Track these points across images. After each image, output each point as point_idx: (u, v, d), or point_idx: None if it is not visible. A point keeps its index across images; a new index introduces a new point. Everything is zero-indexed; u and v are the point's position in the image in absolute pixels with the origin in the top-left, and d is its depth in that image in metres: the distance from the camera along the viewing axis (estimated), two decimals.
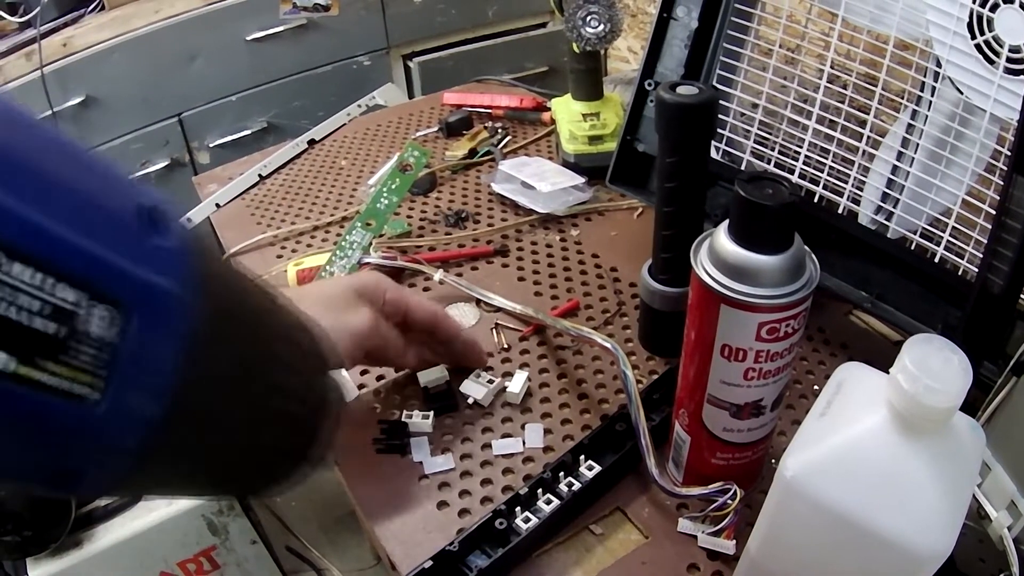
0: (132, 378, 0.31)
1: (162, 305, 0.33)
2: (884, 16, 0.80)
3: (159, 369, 0.33)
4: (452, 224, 1.17)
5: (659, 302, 0.85)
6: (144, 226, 0.33)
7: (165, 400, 0.33)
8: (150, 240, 0.33)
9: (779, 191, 0.57)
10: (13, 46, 1.88)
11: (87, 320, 0.29)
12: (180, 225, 0.35)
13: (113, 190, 0.33)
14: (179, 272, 0.33)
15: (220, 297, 0.37)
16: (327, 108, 1.72)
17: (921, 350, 0.47)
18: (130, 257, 0.31)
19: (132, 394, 0.32)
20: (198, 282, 0.34)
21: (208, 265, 0.36)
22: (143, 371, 0.32)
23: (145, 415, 0.33)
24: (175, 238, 0.34)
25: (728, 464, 0.69)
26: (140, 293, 0.31)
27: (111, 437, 0.32)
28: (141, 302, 0.31)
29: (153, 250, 0.33)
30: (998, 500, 0.61)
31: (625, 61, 2.06)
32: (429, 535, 0.72)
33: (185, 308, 0.33)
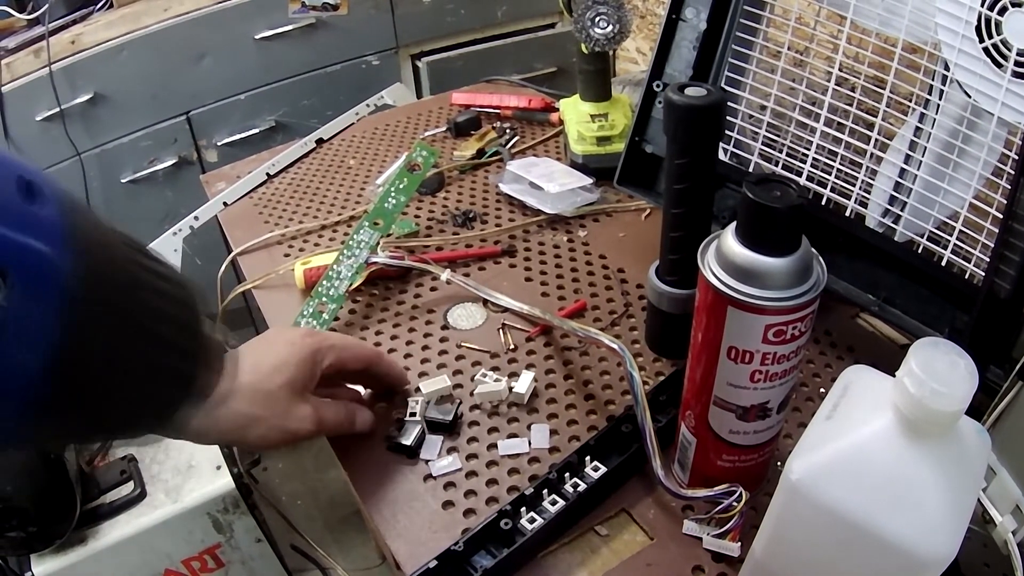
0: (17, 335, 0.35)
1: (41, 267, 0.36)
2: (893, 19, 0.79)
3: (40, 324, 0.36)
4: (460, 224, 1.17)
5: (666, 304, 0.85)
6: (23, 197, 0.36)
7: (48, 352, 0.37)
8: (27, 208, 0.36)
9: (787, 193, 0.57)
10: (22, 43, 1.89)
11: None
12: (56, 194, 0.38)
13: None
14: (54, 236, 0.37)
15: (93, 256, 0.40)
16: (336, 107, 1.72)
17: (927, 354, 0.47)
18: (9, 225, 0.35)
19: (18, 349, 0.36)
20: (72, 244, 0.38)
21: (82, 228, 0.39)
22: (26, 327, 0.36)
23: (30, 367, 0.37)
24: (51, 206, 0.38)
25: (734, 466, 0.69)
26: (20, 257, 0.35)
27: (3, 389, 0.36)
28: (22, 266, 0.35)
29: (31, 217, 0.36)
30: (1003, 504, 0.61)
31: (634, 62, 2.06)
32: (434, 535, 0.72)
33: (61, 268, 0.37)
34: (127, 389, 0.46)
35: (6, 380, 0.36)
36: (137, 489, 1.20)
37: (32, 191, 0.37)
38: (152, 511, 1.19)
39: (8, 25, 1.94)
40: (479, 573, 0.66)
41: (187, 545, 1.26)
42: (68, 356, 0.38)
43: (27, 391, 0.37)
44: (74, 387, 0.40)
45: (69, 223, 0.38)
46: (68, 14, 1.95)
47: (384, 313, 1.00)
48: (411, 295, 1.03)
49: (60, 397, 0.39)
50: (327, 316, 0.97)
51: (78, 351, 0.39)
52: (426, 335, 0.96)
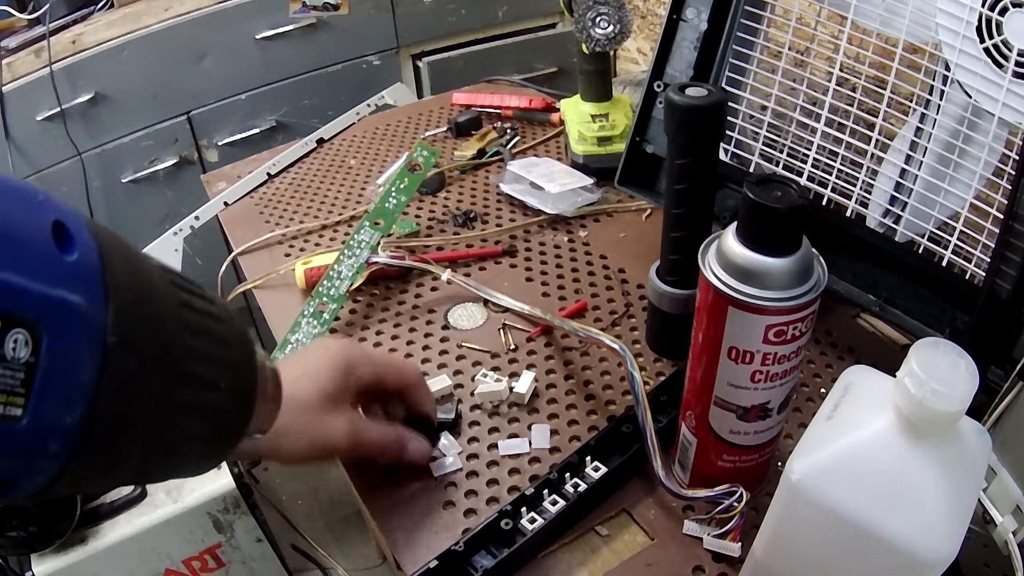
0: (50, 391, 0.34)
1: (73, 320, 0.35)
2: (893, 19, 0.79)
3: (74, 379, 0.35)
4: (460, 224, 1.17)
5: (667, 304, 0.85)
6: (54, 243, 0.35)
7: (83, 407, 0.35)
8: (60, 257, 0.35)
9: (787, 194, 0.57)
10: (22, 43, 1.89)
11: (6, 346, 0.32)
12: (87, 234, 0.37)
13: (25, 211, 0.35)
14: (86, 285, 0.36)
15: (127, 301, 0.38)
16: (336, 107, 1.72)
17: (928, 354, 0.47)
18: (41, 278, 0.33)
19: (51, 405, 0.34)
20: (105, 291, 0.36)
21: (120, 272, 0.38)
22: (59, 383, 0.34)
23: (65, 422, 0.35)
24: (82, 250, 0.36)
25: (734, 466, 0.69)
26: (52, 312, 0.34)
27: (36, 446, 0.34)
28: (53, 320, 0.34)
29: (62, 267, 0.35)
30: (1003, 505, 0.61)
31: (634, 62, 2.06)
32: (435, 535, 0.72)
33: (93, 319, 0.36)
34: (178, 434, 0.45)
35: (41, 438, 0.34)
36: (137, 489, 1.20)
37: (66, 235, 0.35)
38: (152, 511, 1.19)
39: (9, 25, 1.94)
40: (479, 573, 0.66)
41: (187, 545, 1.26)
42: (107, 411, 0.37)
43: (63, 448, 0.36)
44: (116, 438, 0.39)
45: (106, 269, 0.37)
46: (69, 14, 1.95)
47: (385, 313, 1.00)
48: (412, 295, 1.03)
49: (99, 453, 0.38)
50: (328, 316, 0.97)
51: (119, 403, 0.38)
52: (427, 335, 0.96)
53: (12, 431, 0.33)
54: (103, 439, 0.38)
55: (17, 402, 0.32)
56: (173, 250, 1.24)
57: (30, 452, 0.34)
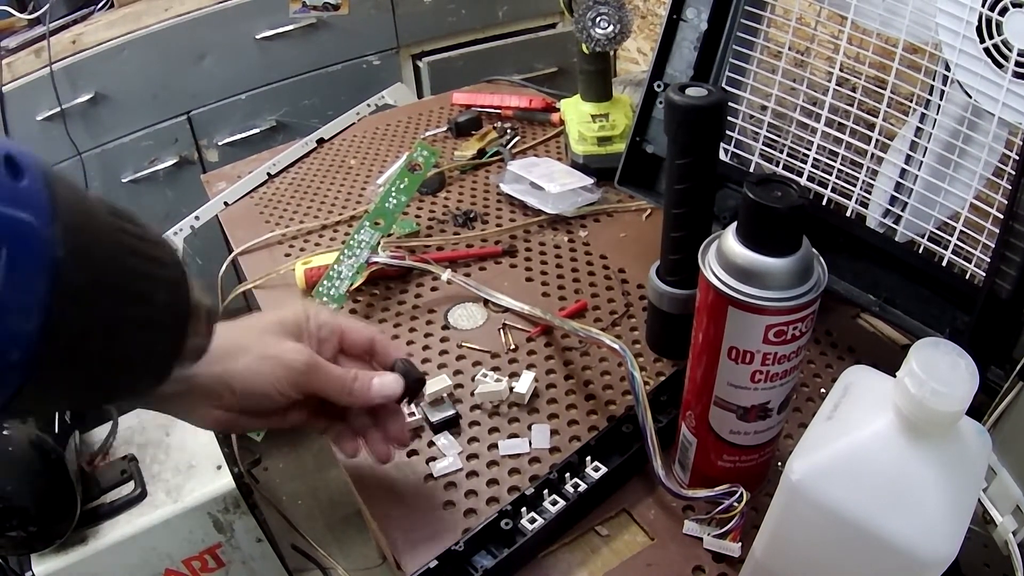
0: (9, 302, 0.37)
1: (25, 235, 0.38)
2: (893, 19, 0.79)
3: (31, 291, 0.38)
4: (460, 224, 1.17)
5: (667, 304, 0.85)
6: (7, 172, 0.38)
7: (39, 316, 0.39)
8: (11, 182, 0.38)
9: (788, 194, 0.57)
10: (22, 43, 1.88)
11: None
12: (38, 168, 0.40)
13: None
14: (36, 206, 0.39)
15: (79, 225, 0.42)
16: (336, 107, 1.72)
17: (928, 354, 0.47)
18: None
19: (10, 316, 0.38)
20: (55, 213, 0.40)
21: (66, 199, 0.41)
22: (17, 293, 0.38)
23: (24, 331, 0.39)
24: (31, 177, 0.40)
25: (734, 466, 0.69)
26: (6, 230, 0.37)
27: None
28: (8, 238, 0.37)
29: (14, 191, 0.38)
30: (1003, 505, 0.61)
31: (634, 62, 2.06)
32: (435, 535, 0.72)
33: (43, 234, 0.39)
34: (123, 350, 0.48)
35: (3, 345, 0.38)
36: (138, 489, 1.20)
37: (15, 165, 0.39)
38: (153, 511, 1.19)
39: (9, 25, 1.94)
40: (480, 573, 0.66)
41: (187, 545, 1.26)
42: (61, 321, 0.40)
43: (24, 356, 0.39)
44: (69, 351, 0.43)
45: (54, 195, 0.40)
46: (69, 14, 1.95)
47: (385, 313, 1.00)
48: (412, 295, 1.03)
49: (57, 362, 0.42)
50: None
51: (71, 315, 0.41)
52: (427, 335, 0.96)
53: None
54: (60, 350, 0.41)
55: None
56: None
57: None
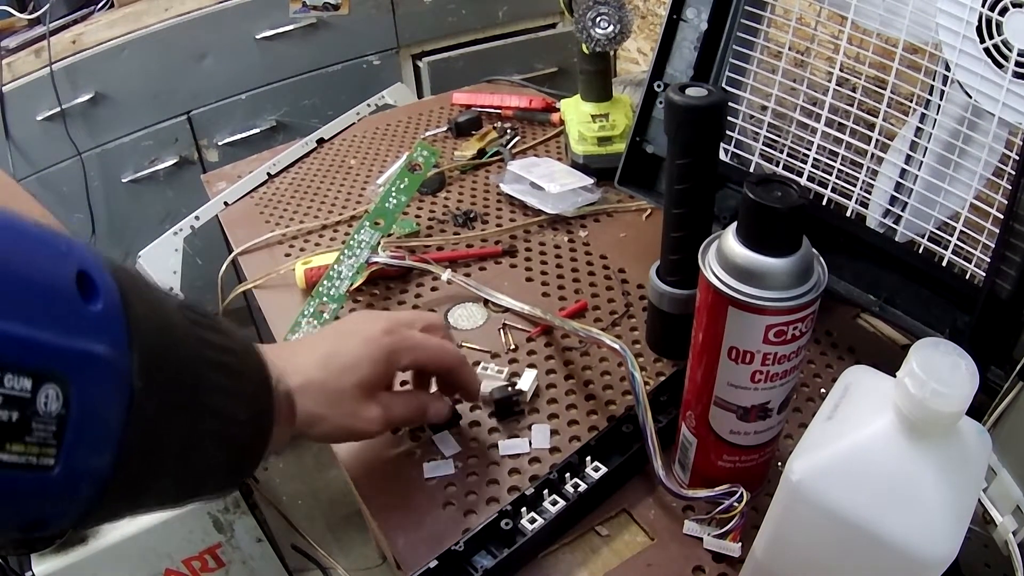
0: (80, 440, 0.35)
1: (100, 370, 0.35)
2: (894, 19, 0.79)
3: (103, 426, 0.36)
4: (461, 224, 1.17)
5: (667, 304, 0.85)
6: (79, 295, 0.35)
7: (112, 451, 0.37)
8: (85, 309, 0.35)
9: (788, 194, 0.57)
10: (22, 43, 1.89)
11: (38, 401, 0.32)
12: (109, 280, 0.37)
13: (52, 262, 0.35)
14: (111, 334, 0.36)
15: (150, 345, 0.39)
16: (336, 107, 1.72)
17: (928, 354, 0.47)
18: (69, 333, 0.34)
19: (82, 453, 0.35)
20: (129, 338, 0.37)
21: (142, 316, 0.39)
22: (89, 432, 0.35)
23: (95, 467, 0.36)
24: (106, 298, 0.36)
25: (734, 467, 0.69)
26: (80, 365, 0.34)
27: (67, 491, 0.36)
28: (82, 372, 0.34)
29: (88, 319, 0.35)
30: (1003, 505, 0.61)
31: (635, 62, 2.06)
32: (435, 535, 0.72)
33: (119, 367, 0.37)
34: (197, 467, 0.46)
35: (73, 483, 0.35)
36: None
37: (89, 284, 0.36)
38: None
39: (9, 25, 1.94)
40: (479, 573, 0.66)
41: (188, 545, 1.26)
42: (136, 450, 0.38)
43: (94, 490, 0.37)
44: (144, 476, 0.40)
45: (130, 316, 0.38)
46: (69, 14, 1.95)
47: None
48: (412, 295, 1.03)
49: (130, 489, 0.40)
50: (328, 316, 0.97)
51: (147, 443, 0.39)
52: None
53: (46, 479, 0.34)
54: (131, 478, 0.39)
55: (49, 452, 0.33)
56: (173, 250, 1.24)
57: (62, 497, 0.35)
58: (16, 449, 0.32)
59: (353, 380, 0.70)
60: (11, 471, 0.32)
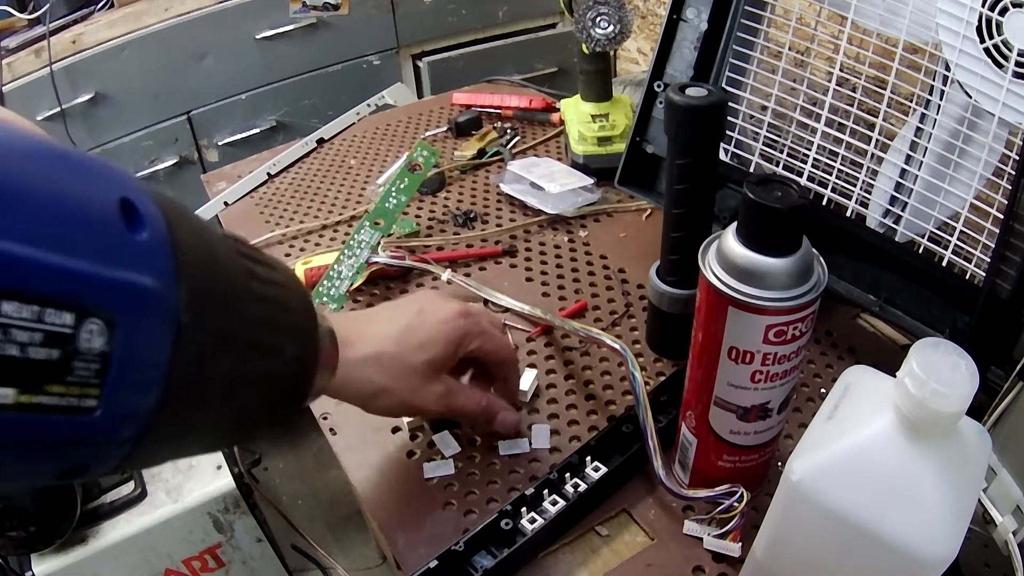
0: (124, 380, 0.33)
1: (147, 304, 0.33)
2: (893, 19, 0.79)
3: (149, 364, 0.34)
4: (461, 224, 1.17)
5: (667, 304, 0.85)
6: (123, 223, 0.33)
7: (157, 390, 0.34)
8: (130, 238, 0.33)
9: (788, 194, 0.57)
10: (22, 43, 1.89)
11: (80, 338, 0.30)
12: (155, 208, 0.35)
13: (93, 189, 0.33)
14: (159, 266, 0.34)
15: (198, 277, 0.37)
16: (336, 107, 1.72)
17: (928, 354, 0.47)
18: (113, 263, 0.32)
19: (126, 394, 0.33)
20: (177, 269, 0.35)
21: (189, 246, 0.36)
22: (134, 370, 0.33)
23: (139, 407, 0.34)
24: (152, 228, 0.34)
25: (735, 467, 0.69)
26: (126, 298, 0.32)
27: (109, 434, 0.33)
28: (127, 306, 0.32)
29: (134, 248, 0.33)
30: (1004, 505, 0.61)
31: (635, 62, 2.06)
32: (435, 535, 0.72)
33: (167, 300, 0.34)
34: (241, 407, 0.44)
35: (115, 425, 0.33)
36: (137, 489, 1.20)
37: (133, 212, 0.34)
38: (153, 511, 1.19)
39: (9, 25, 1.94)
40: (479, 573, 0.66)
41: (187, 545, 1.26)
42: (181, 388, 0.36)
43: (136, 432, 0.35)
44: (188, 416, 0.38)
45: (176, 246, 0.35)
46: (69, 14, 1.95)
47: None
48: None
49: (173, 429, 0.38)
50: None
51: (193, 380, 0.37)
52: None
53: (87, 422, 0.32)
54: (175, 418, 0.37)
55: (92, 393, 0.32)
56: None
57: (104, 441, 0.34)
58: (56, 391, 0.30)
59: (425, 357, 0.71)
60: (51, 414, 0.30)
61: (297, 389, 0.51)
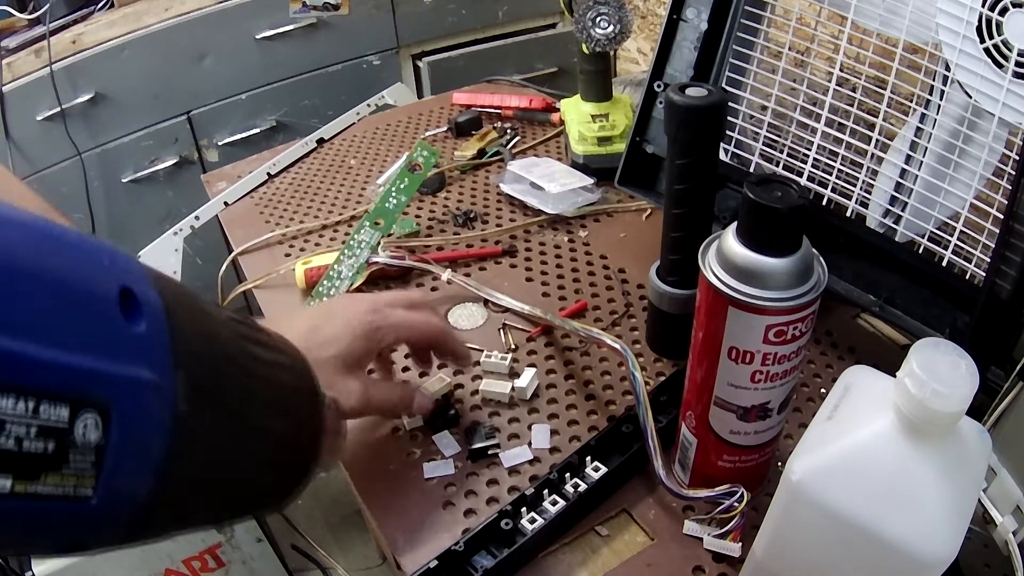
0: (120, 469, 0.33)
1: (142, 396, 0.33)
2: (894, 19, 0.79)
3: (145, 452, 0.34)
4: (461, 224, 1.17)
5: (667, 304, 0.85)
6: (122, 314, 0.33)
7: (154, 477, 0.35)
8: (129, 330, 0.33)
9: (788, 194, 0.57)
10: (23, 43, 1.89)
11: (76, 431, 0.31)
12: (153, 296, 0.35)
13: (93, 278, 0.33)
14: (156, 357, 0.34)
15: (198, 367, 0.37)
16: (337, 107, 1.72)
17: (928, 354, 0.47)
18: (111, 357, 0.32)
19: (122, 481, 0.33)
20: (175, 360, 0.35)
21: (183, 334, 0.36)
22: (130, 460, 0.33)
23: (136, 493, 0.34)
24: (150, 318, 0.34)
25: (735, 467, 0.69)
26: (122, 391, 0.32)
27: (106, 519, 0.34)
28: (123, 399, 0.32)
29: (132, 341, 0.33)
30: (1004, 505, 0.61)
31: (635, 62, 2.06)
32: (435, 535, 0.72)
33: (164, 392, 0.34)
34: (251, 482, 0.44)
35: (112, 512, 0.33)
36: None
37: (132, 302, 0.33)
38: None
39: (9, 25, 1.94)
40: (480, 573, 0.66)
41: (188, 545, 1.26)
42: (181, 474, 0.36)
43: (134, 515, 0.35)
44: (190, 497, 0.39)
45: (174, 333, 0.35)
46: (69, 14, 1.95)
47: None
48: None
49: (175, 510, 0.38)
50: None
51: (192, 466, 0.37)
52: None
53: (83, 508, 0.32)
54: (176, 501, 0.37)
55: (87, 483, 0.32)
56: (173, 250, 1.24)
57: (101, 525, 0.34)
58: (52, 481, 0.31)
59: (333, 351, 0.70)
60: (48, 502, 0.31)
61: (304, 462, 0.51)
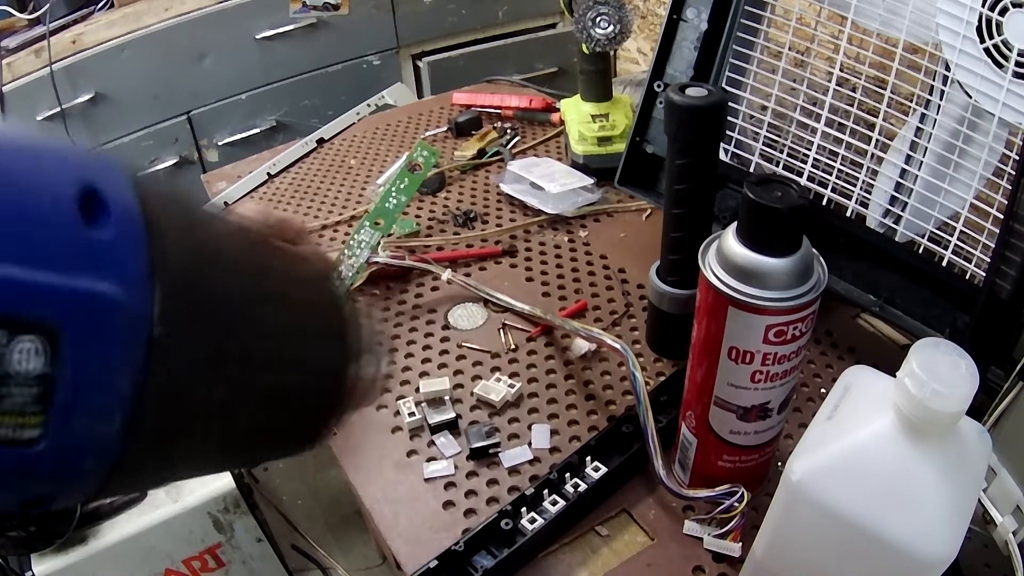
0: (74, 406, 0.27)
1: (103, 316, 0.27)
2: (894, 19, 0.79)
3: (108, 386, 0.28)
4: (461, 224, 1.17)
5: (667, 304, 0.85)
6: (80, 216, 0.27)
7: (121, 417, 0.29)
8: (85, 235, 0.27)
9: (788, 194, 0.57)
10: (22, 43, 1.89)
11: (8, 358, 0.25)
12: (129, 197, 0.29)
13: (38, 175, 0.27)
14: (122, 267, 0.28)
15: (182, 280, 0.31)
16: (336, 107, 1.72)
17: (928, 354, 0.47)
18: (57, 266, 0.26)
19: (78, 422, 0.27)
20: (150, 272, 0.29)
21: (166, 242, 0.30)
22: (88, 394, 0.27)
23: (100, 436, 0.28)
24: (120, 221, 0.28)
25: (735, 467, 0.69)
26: (74, 308, 0.26)
27: (64, 467, 0.28)
28: (76, 318, 0.27)
29: (88, 247, 0.27)
30: (1004, 505, 0.61)
31: (635, 62, 2.06)
32: (435, 535, 0.72)
33: (132, 310, 0.28)
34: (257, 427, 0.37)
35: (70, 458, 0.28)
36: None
37: (97, 203, 0.27)
38: (153, 511, 1.19)
39: (9, 25, 1.94)
40: (480, 573, 0.66)
41: (187, 545, 1.26)
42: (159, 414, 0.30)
43: (101, 464, 0.29)
44: (174, 443, 0.32)
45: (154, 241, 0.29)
46: (69, 13, 1.95)
47: (385, 313, 1.00)
48: (412, 295, 1.03)
49: (155, 460, 0.32)
50: None
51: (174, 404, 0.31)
52: (427, 335, 0.96)
53: (27, 455, 0.26)
54: (154, 446, 0.31)
55: (31, 422, 0.26)
56: None
57: (58, 475, 0.28)
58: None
59: None
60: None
61: (329, 404, 0.42)
